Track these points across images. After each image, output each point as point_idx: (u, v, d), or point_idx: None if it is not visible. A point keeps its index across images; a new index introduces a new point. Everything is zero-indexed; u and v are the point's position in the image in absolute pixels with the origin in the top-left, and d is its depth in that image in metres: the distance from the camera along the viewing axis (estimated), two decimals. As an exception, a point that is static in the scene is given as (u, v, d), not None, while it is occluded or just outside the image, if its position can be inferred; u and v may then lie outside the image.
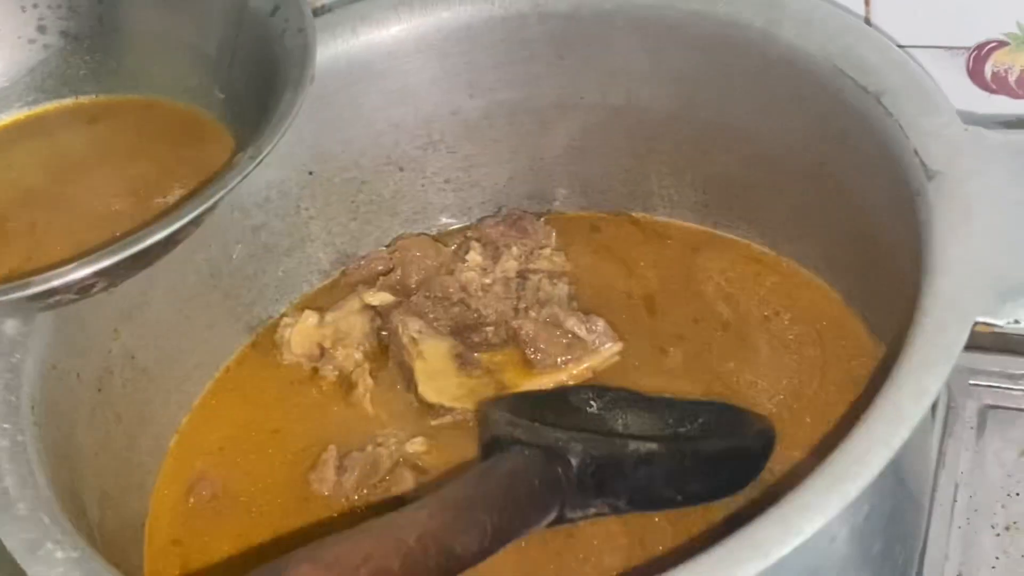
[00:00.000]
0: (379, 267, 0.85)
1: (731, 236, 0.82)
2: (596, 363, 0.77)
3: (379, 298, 0.82)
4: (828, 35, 0.70)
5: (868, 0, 0.79)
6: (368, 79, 0.81)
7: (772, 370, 0.74)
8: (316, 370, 0.81)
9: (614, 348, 0.77)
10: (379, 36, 0.81)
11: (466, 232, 0.87)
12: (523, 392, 0.75)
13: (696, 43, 0.75)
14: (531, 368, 0.76)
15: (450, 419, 0.75)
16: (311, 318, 0.82)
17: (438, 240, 0.86)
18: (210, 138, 0.72)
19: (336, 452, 0.74)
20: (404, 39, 0.81)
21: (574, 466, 0.64)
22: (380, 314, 0.82)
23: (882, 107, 0.66)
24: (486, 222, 0.87)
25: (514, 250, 0.83)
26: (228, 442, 0.78)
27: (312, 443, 0.76)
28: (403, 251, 0.85)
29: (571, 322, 0.77)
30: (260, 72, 0.69)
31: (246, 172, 0.62)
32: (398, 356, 0.79)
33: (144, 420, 0.76)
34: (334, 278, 0.87)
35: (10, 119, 0.76)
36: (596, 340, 0.77)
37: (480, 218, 0.88)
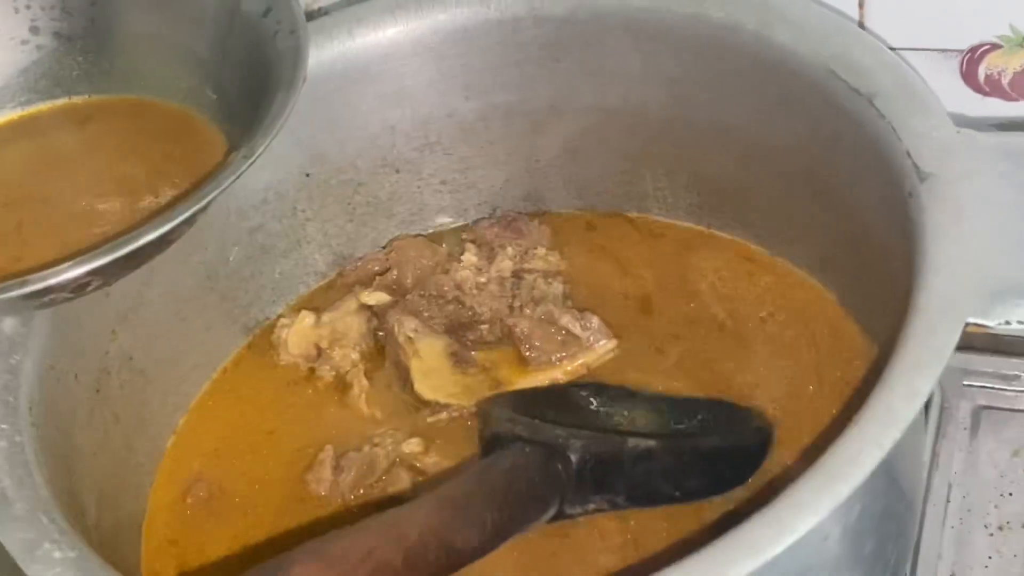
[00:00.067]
0: (375, 268, 0.85)
1: (725, 236, 0.82)
2: (591, 360, 0.77)
3: (375, 298, 0.82)
4: (821, 38, 0.70)
5: (862, 3, 0.80)
6: (364, 81, 0.82)
7: (767, 371, 0.74)
8: (313, 371, 0.81)
9: (609, 345, 0.77)
10: (375, 38, 0.81)
11: (461, 234, 0.87)
12: (522, 389, 0.75)
13: (690, 46, 0.76)
14: (526, 365, 0.77)
15: (446, 415, 0.76)
16: (308, 319, 0.82)
17: (434, 241, 0.86)
18: (202, 139, 0.72)
19: (333, 452, 0.74)
20: (400, 42, 0.81)
21: (573, 462, 0.65)
22: (376, 314, 0.82)
23: (875, 109, 0.66)
24: (481, 223, 0.87)
25: (509, 250, 0.83)
26: (225, 443, 0.78)
27: (308, 443, 0.76)
28: (399, 252, 0.85)
29: (566, 319, 0.77)
30: (252, 73, 0.70)
31: (240, 171, 0.62)
32: (394, 355, 0.79)
33: (142, 421, 0.77)
34: (330, 279, 0.87)
35: (3, 119, 0.76)
36: (591, 337, 0.77)
37: (475, 220, 0.88)
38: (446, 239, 0.87)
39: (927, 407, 0.79)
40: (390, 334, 0.79)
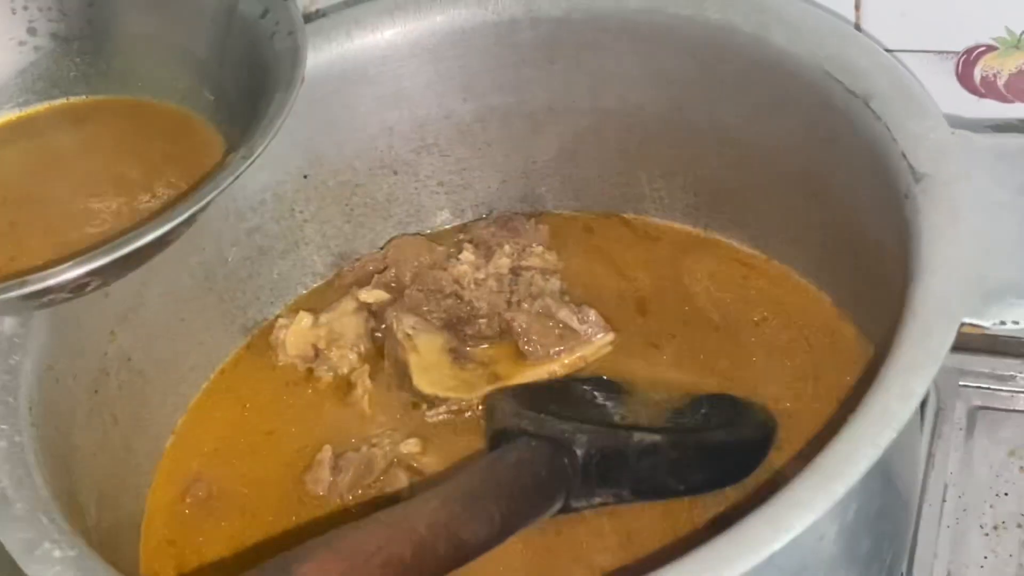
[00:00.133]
0: (373, 269, 0.85)
1: (721, 238, 0.83)
2: (588, 353, 0.77)
3: (374, 295, 0.83)
4: (817, 39, 0.70)
5: (858, 5, 0.80)
6: (362, 83, 0.82)
7: (763, 372, 0.74)
8: (311, 371, 0.81)
9: (606, 338, 0.77)
10: (373, 40, 0.81)
11: (459, 234, 0.87)
12: (528, 383, 0.76)
13: (687, 47, 0.76)
14: (524, 359, 0.77)
15: (444, 409, 0.76)
16: (305, 319, 0.82)
17: (431, 242, 0.86)
18: (200, 139, 0.72)
19: (331, 453, 0.75)
20: (398, 43, 0.81)
21: (579, 457, 0.65)
22: (374, 315, 0.82)
23: (870, 111, 0.66)
24: (478, 224, 0.87)
25: (506, 248, 0.83)
26: (223, 443, 0.79)
27: (307, 444, 0.76)
28: (397, 250, 0.85)
29: (563, 313, 0.77)
30: (250, 74, 0.70)
31: (238, 172, 0.62)
32: (393, 353, 0.79)
33: (140, 421, 0.77)
34: (328, 280, 0.87)
35: (1, 120, 0.76)
36: (588, 330, 0.77)
37: (472, 220, 0.88)
38: (443, 240, 0.87)
39: (923, 407, 0.79)
40: (389, 331, 0.79)
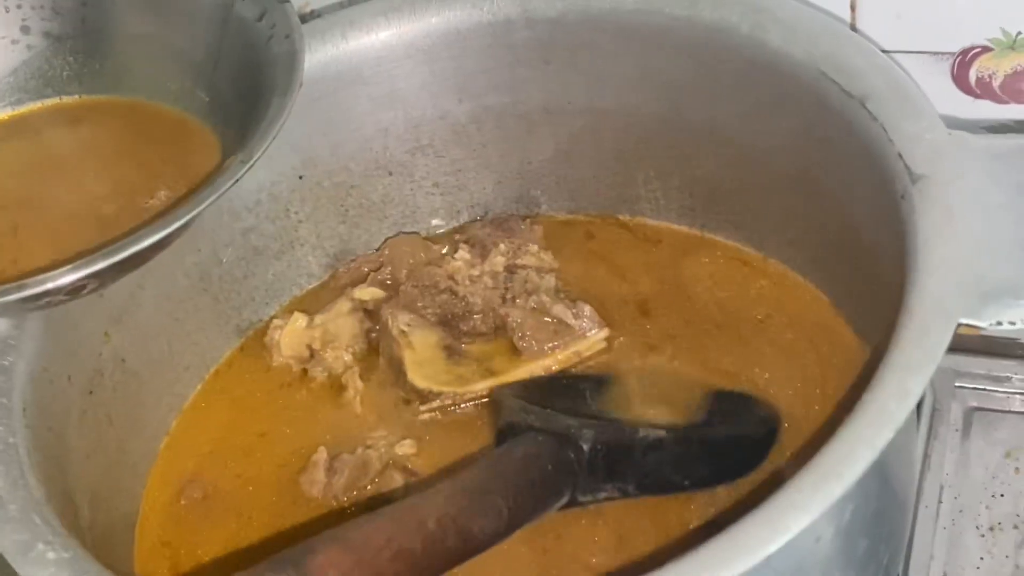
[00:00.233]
0: (368, 269, 0.85)
1: (718, 238, 0.83)
2: (583, 348, 0.77)
3: (369, 293, 0.83)
4: (813, 40, 0.70)
5: (854, 6, 0.80)
6: (357, 84, 0.82)
7: (766, 372, 0.74)
8: (306, 372, 0.81)
9: (601, 334, 0.77)
10: (368, 41, 0.81)
11: (454, 235, 0.87)
12: (535, 378, 0.76)
13: (682, 47, 0.76)
14: (519, 355, 0.77)
15: (438, 404, 0.76)
16: (300, 320, 0.82)
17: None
18: (195, 140, 0.72)
19: (326, 454, 0.74)
20: (393, 44, 0.81)
21: (585, 452, 0.66)
22: (369, 315, 0.82)
23: (866, 111, 0.66)
24: (473, 225, 0.87)
25: (502, 247, 0.83)
26: (218, 444, 0.78)
27: (301, 445, 0.76)
28: (393, 248, 0.85)
29: (558, 309, 0.78)
30: (246, 76, 0.69)
31: (237, 177, 0.62)
32: (388, 350, 0.79)
33: (135, 422, 0.76)
34: (323, 281, 0.87)
35: (-6, 119, 0.76)
36: (583, 325, 0.77)
37: (467, 221, 0.88)
38: (438, 242, 0.86)
39: (919, 408, 0.79)
40: (384, 328, 0.79)
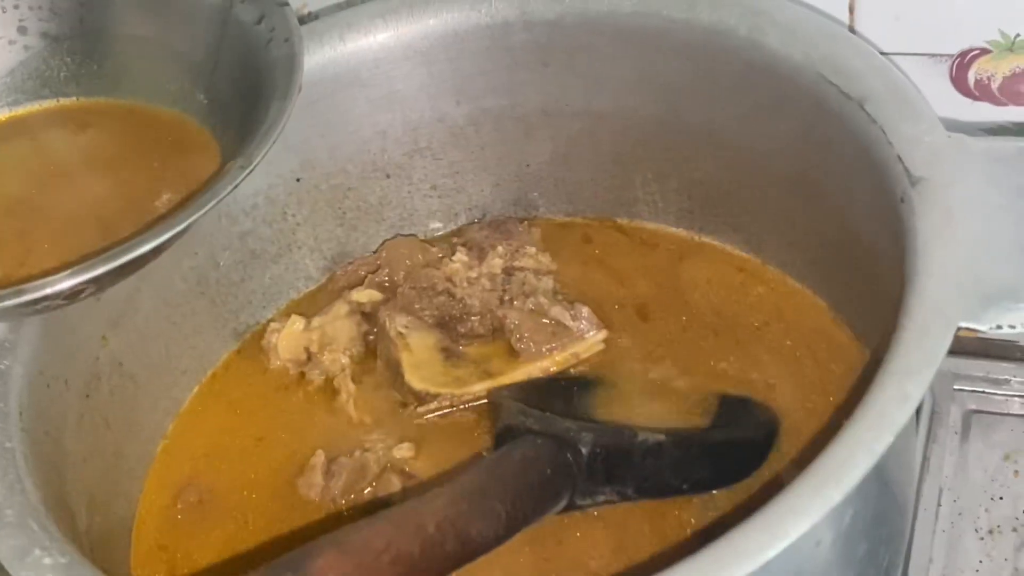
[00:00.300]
0: (366, 272, 0.85)
1: (716, 242, 0.82)
2: (581, 350, 0.77)
3: (367, 295, 0.82)
4: (812, 42, 0.70)
5: (852, 8, 0.80)
6: (355, 86, 0.82)
7: (765, 377, 0.74)
8: (303, 375, 0.81)
9: (599, 335, 0.77)
10: (366, 43, 0.81)
11: (452, 239, 0.87)
12: (534, 380, 0.76)
13: (681, 50, 0.76)
14: (517, 357, 0.77)
15: (435, 406, 0.76)
16: (298, 323, 0.82)
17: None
18: (195, 143, 0.72)
19: (324, 457, 0.74)
20: (391, 46, 0.81)
21: (584, 455, 0.65)
22: (366, 318, 0.82)
23: (865, 114, 0.66)
24: (471, 227, 0.87)
25: (499, 249, 0.83)
26: (215, 447, 0.78)
27: (299, 448, 0.76)
28: (391, 250, 0.85)
29: (555, 310, 0.77)
30: (245, 79, 0.69)
31: (237, 182, 0.62)
32: (385, 352, 0.79)
33: (132, 426, 0.76)
34: (321, 284, 0.87)
35: (-8, 119, 0.76)
36: (581, 327, 0.77)
37: (465, 224, 0.88)
38: (436, 244, 0.86)
39: (918, 411, 0.79)
40: (382, 330, 0.79)
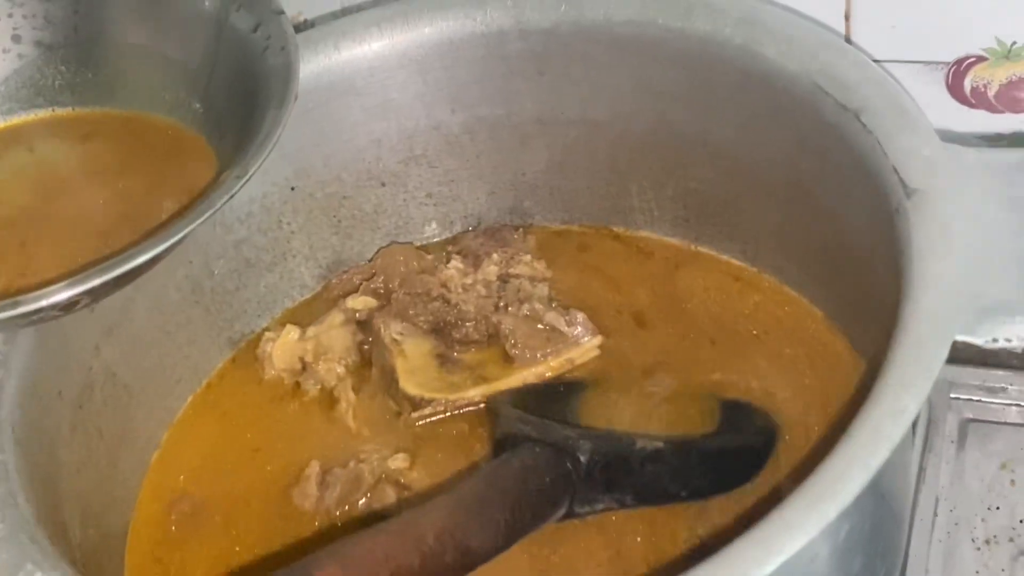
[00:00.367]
0: (361, 280, 0.85)
1: (712, 252, 0.82)
2: (576, 355, 0.77)
3: (362, 302, 0.82)
4: (808, 52, 0.70)
5: (848, 15, 0.80)
6: (350, 94, 0.81)
7: (762, 386, 0.74)
8: (298, 385, 0.81)
9: (594, 341, 0.77)
10: (361, 52, 0.80)
11: (447, 247, 0.87)
12: (530, 385, 0.76)
13: (676, 59, 0.75)
14: (512, 363, 0.77)
15: (430, 411, 0.75)
16: (292, 332, 0.82)
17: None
18: (191, 151, 0.72)
19: (318, 468, 0.74)
20: (386, 55, 0.81)
21: (583, 463, 0.66)
22: (362, 327, 0.82)
23: (861, 124, 0.66)
24: (466, 235, 0.87)
25: (495, 256, 0.83)
26: (210, 458, 0.78)
27: (294, 459, 0.76)
28: (386, 257, 0.85)
29: (551, 316, 0.77)
30: (241, 87, 0.69)
31: (233, 191, 0.61)
32: (380, 359, 0.79)
33: (125, 436, 0.76)
34: (316, 292, 0.87)
35: (-15, 128, 0.75)
36: (576, 332, 0.77)
37: (460, 232, 0.88)
38: (431, 252, 0.86)
39: (914, 420, 0.78)
40: (376, 337, 0.79)
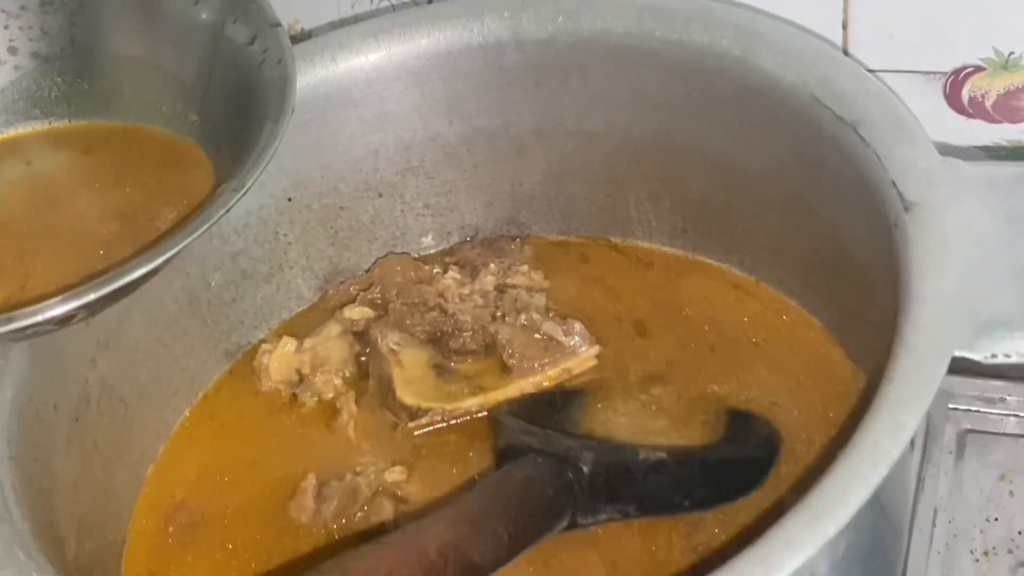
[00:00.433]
0: (358, 290, 0.85)
1: (711, 262, 0.82)
2: (574, 365, 0.77)
3: (359, 312, 0.82)
4: (805, 64, 0.70)
5: (846, 24, 0.80)
6: (347, 106, 0.81)
7: (763, 396, 0.74)
8: (295, 397, 0.81)
9: (592, 351, 0.77)
10: (358, 63, 0.80)
11: (444, 258, 0.86)
12: (530, 395, 0.76)
13: (674, 70, 0.75)
14: (509, 373, 0.76)
15: (427, 420, 0.75)
16: (289, 344, 0.81)
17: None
18: (189, 162, 0.72)
19: (315, 481, 0.74)
20: (383, 66, 0.81)
21: (586, 473, 0.65)
22: (359, 339, 0.81)
23: (859, 137, 0.66)
24: (463, 246, 0.87)
25: (492, 266, 0.83)
26: (206, 470, 0.78)
27: (291, 471, 0.76)
28: (383, 267, 0.85)
29: (548, 326, 0.77)
30: (237, 99, 0.69)
31: (230, 204, 0.61)
32: (377, 369, 0.78)
33: (121, 449, 0.76)
34: (313, 303, 0.87)
35: (-18, 140, 0.75)
36: (574, 342, 0.77)
37: (458, 243, 0.88)
38: (429, 263, 0.86)
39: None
40: (374, 347, 0.79)
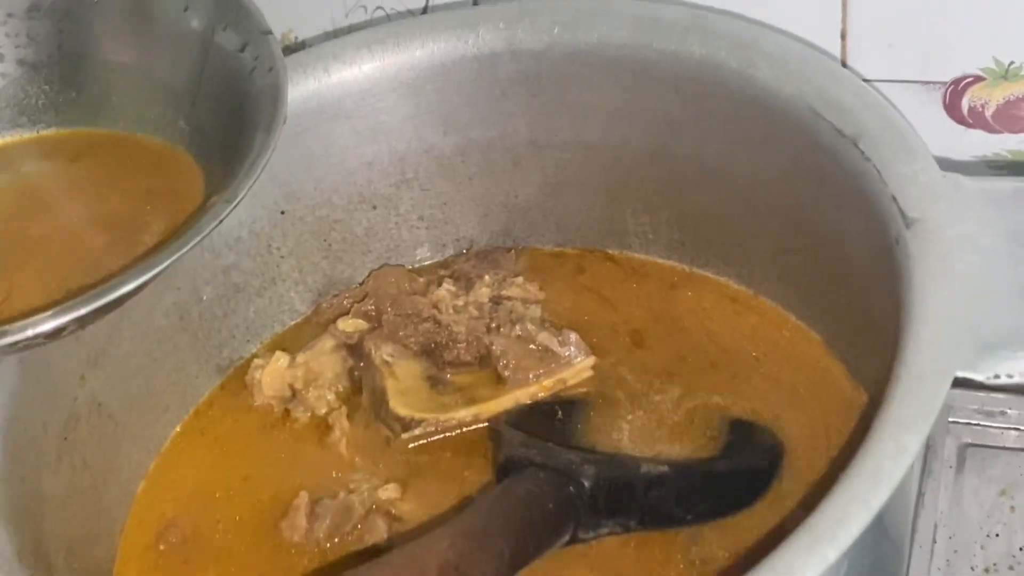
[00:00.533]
0: (352, 303, 0.84)
1: (708, 274, 0.82)
2: (569, 376, 0.76)
3: (352, 324, 0.82)
4: (803, 76, 0.69)
5: (844, 34, 0.80)
6: (341, 117, 0.81)
7: (762, 409, 0.73)
8: (288, 412, 0.80)
9: (587, 361, 0.77)
10: (352, 74, 0.80)
11: (439, 270, 0.86)
12: (526, 405, 0.75)
13: (671, 82, 0.75)
14: (504, 384, 0.76)
15: (420, 431, 0.75)
16: (282, 359, 0.81)
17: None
18: (179, 171, 0.71)
19: (308, 498, 0.73)
20: (377, 77, 0.80)
21: (587, 488, 0.65)
22: (352, 353, 0.81)
23: (859, 151, 0.65)
24: (458, 258, 0.87)
25: (486, 278, 0.82)
26: (198, 487, 0.77)
27: (283, 488, 0.75)
28: (377, 279, 0.85)
29: (543, 336, 0.77)
30: (228, 108, 0.69)
31: (221, 217, 0.61)
32: (371, 382, 0.78)
33: (112, 466, 0.75)
34: (306, 317, 0.86)
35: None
36: (569, 352, 0.77)
37: (452, 255, 0.88)
38: (423, 275, 0.86)
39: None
40: (367, 359, 0.79)
